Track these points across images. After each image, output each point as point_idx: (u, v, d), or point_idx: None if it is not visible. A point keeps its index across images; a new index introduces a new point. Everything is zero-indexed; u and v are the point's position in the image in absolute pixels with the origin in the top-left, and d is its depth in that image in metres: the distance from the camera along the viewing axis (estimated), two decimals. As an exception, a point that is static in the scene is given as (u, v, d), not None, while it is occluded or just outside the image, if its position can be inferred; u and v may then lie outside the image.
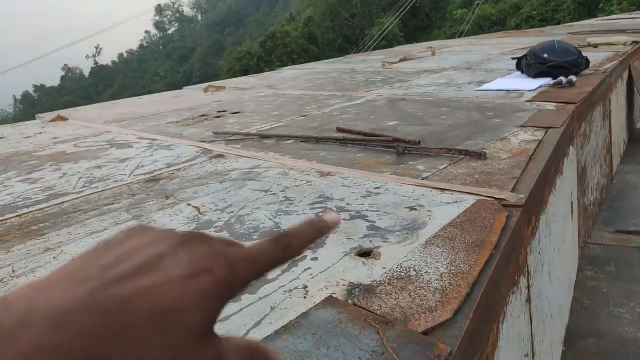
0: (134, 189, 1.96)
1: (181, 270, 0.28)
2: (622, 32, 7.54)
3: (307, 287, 1.13)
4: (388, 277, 1.14)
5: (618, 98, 4.55)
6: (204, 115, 3.59)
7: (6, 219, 1.72)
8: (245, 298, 1.09)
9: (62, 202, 1.85)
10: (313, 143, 2.53)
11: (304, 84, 4.93)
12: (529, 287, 1.53)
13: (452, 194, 1.64)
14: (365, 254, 1.27)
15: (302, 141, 2.58)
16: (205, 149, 2.55)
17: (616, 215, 3.35)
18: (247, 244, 0.33)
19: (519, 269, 1.43)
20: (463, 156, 2.06)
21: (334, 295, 1.08)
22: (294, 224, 1.47)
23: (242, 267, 0.31)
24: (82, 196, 1.91)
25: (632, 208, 3.44)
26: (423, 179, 1.83)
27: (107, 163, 2.40)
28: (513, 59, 5.70)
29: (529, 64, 4.01)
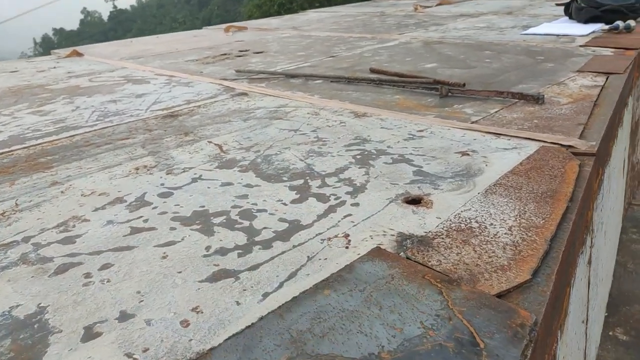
0: (150, 124, 1.79)
1: None
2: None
3: (348, 235, 0.96)
4: (445, 228, 0.96)
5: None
6: (224, 54, 3.36)
7: (12, 150, 1.58)
8: (276, 245, 0.94)
9: (73, 135, 1.70)
10: (344, 83, 2.31)
11: (331, 26, 4.61)
12: (591, 247, 1.35)
13: (508, 139, 1.44)
14: (414, 201, 1.10)
15: (332, 81, 2.36)
16: (227, 86, 2.35)
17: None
18: None
19: (587, 227, 1.25)
20: (517, 100, 1.83)
21: (382, 246, 0.91)
22: (327, 166, 1.29)
23: None
24: (95, 129, 1.75)
25: (683, 169, 3.18)
26: (472, 122, 1.62)
27: (122, 97, 2.23)
28: (557, 4, 5.24)
29: (580, 8, 3.63)
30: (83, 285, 0.83)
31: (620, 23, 3.13)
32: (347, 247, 0.92)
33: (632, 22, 3.16)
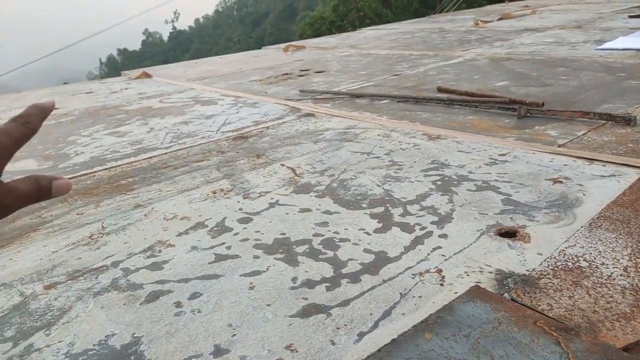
0: (222, 145, 1.82)
1: None
2: None
3: (441, 271, 0.90)
4: (551, 267, 0.88)
5: None
6: (286, 74, 3.40)
7: (95, 172, 1.64)
8: (365, 279, 0.90)
9: (151, 157, 1.75)
10: (412, 103, 2.25)
11: (389, 44, 4.58)
12: None
13: (604, 165, 1.33)
14: (509, 233, 1.02)
15: (399, 101, 2.31)
16: (293, 107, 2.36)
17: None
18: None
19: None
20: (604, 121, 1.70)
21: (481, 285, 0.85)
22: (407, 192, 1.24)
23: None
24: (171, 151, 1.80)
25: None
26: (559, 146, 1.51)
27: (192, 119, 2.29)
28: (631, 16, 4.96)
29: (663, 19, 3.39)
30: (175, 315, 0.82)
31: None
32: (441, 284, 0.86)
33: None
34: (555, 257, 0.91)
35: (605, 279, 0.83)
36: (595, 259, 0.89)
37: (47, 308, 0.88)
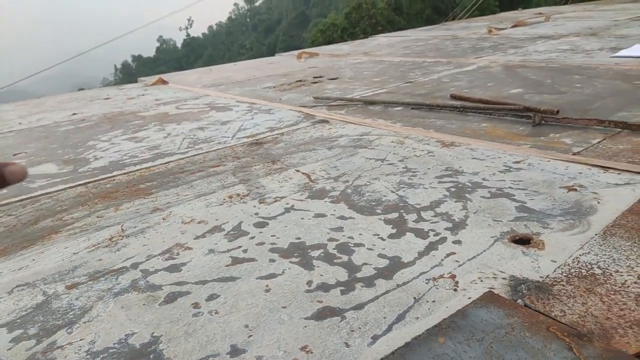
0: (237, 151, 1.85)
1: None
2: None
3: (455, 276, 0.91)
4: (564, 274, 0.89)
5: None
6: (300, 81, 3.44)
7: (114, 176, 1.68)
8: (379, 283, 0.91)
9: (168, 162, 1.78)
10: (425, 110, 2.27)
11: (402, 51, 4.59)
12: None
13: (619, 174, 1.32)
14: (523, 240, 1.03)
15: (412, 108, 2.32)
16: (307, 113, 2.38)
17: None
18: None
19: None
20: (620, 129, 1.69)
21: (494, 291, 0.85)
22: (421, 199, 1.25)
23: None
24: (187, 156, 1.83)
25: None
26: (574, 154, 1.51)
27: (208, 125, 2.33)
28: (649, 23, 4.91)
29: (680, 27, 3.35)
30: (193, 316, 0.84)
31: None
32: (455, 290, 0.87)
33: None
34: (569, 265, 0.91)
35: (619, 287, 0.83)
36: (609, 266, 0.90)
37: (69, 307, 0.91)
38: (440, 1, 29.24)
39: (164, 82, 3.92)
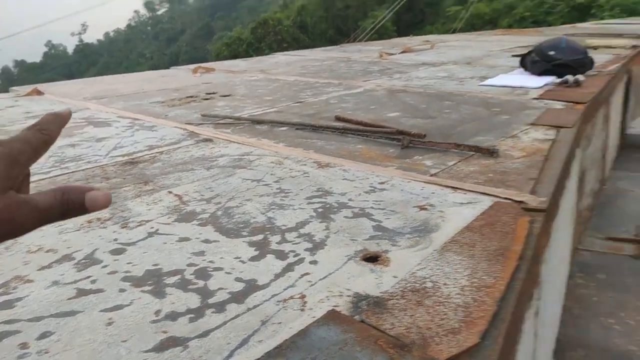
0: (108, 171, 1.76)
1: None
2: (619, 36, 7.47)
3: (304, 296, 0.95)
4: (400, 289, 0.97)
5: (617, 102, 4.45)
6: (191, 97, 3.37)
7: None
8: (230, 308, 0.92)
9: (26, 183, 1.64)
10: (309, 131, 2.35)
11: (299, 70, 4.72)
12: (539, 299, 1.38)
13: (464, 194, 1.48)
14: (372, 258, 1.10)
15: (297, 128, 2.39)
16: (192, 131, 2.34)
17: (606, 221, 3.24)
18: None
19: (534, 281, 1.28)
20: (473, 152, 1.90)
21: (337, 309, 0.91)
22: (288, 220, 1.29)
23: (13, 143, 0.39)
24: (49, 177, 1.70)
25: (622, 214, 3.33)
26: (432, 175, 1.66)
27: (81, 142, 2.18)
28: (513, 56, 5.56)
29: (534, 61, 3.86)
30: (18, 358, 0.78)
31: (570, 77, 3.34)
32: (302, 310, 0.91)
33: (580, 77, 3.38)
34: (406, 280, 1.00)
35: (444, 298, 0.93)
36: (439, 279, 1.00)
37: None
38: (343, 23, 30.63)
39: (40, 93, 3.60)
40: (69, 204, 0.39)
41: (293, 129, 2.38)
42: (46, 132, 0.41)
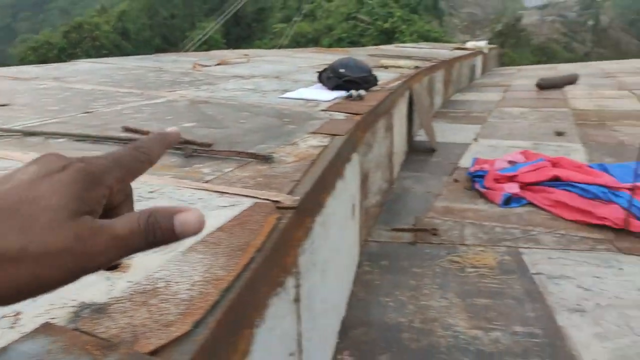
0: None
1: (29, 176, 0.31)
2: (409, 57, 8.79)
3: (19, 313, 0.90)
4: (130, 292, 0.99)
5: (400, 113, 5.22)
6: (-49, 106, 2.87)
7: None
8: None
9: None
10: (90, 142, 2.21)
11: (100, 79, 4.40)
12: (297, 287, 1.54)
13: (230, 197, 1.58)
14: (111, 267, 1.10)
15: (76, 140, 2.23)
16: (-63, 145, 2.00)
17: (393, 215, 3.79)
18: None
19: (286, 270, 1.43)
20: (251, 159, 2.03)
21: (55, 321, 0.88)
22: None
23: (97, 160, 0.35)
24: None
25: (406, 209, 3.94)
26: (206, 182, 1.73)
27: None
28: (317, 72, 6.09)
29: (329, 77, 4.30)
30: None
31: (353, 92, 3.81)
32: (12, 327, 0.86)
33: (362, 92, 3.87)
34: (139, 282, 1.02)
35: (171, 295, 0.98)
36: (174, 278, 1.05)
37: None
38: (170, 32, 29.56)
39: None
40: (155, 230, 0.33)
41: (71, 141, 2.22)
42: (145, 152, 0.36)
